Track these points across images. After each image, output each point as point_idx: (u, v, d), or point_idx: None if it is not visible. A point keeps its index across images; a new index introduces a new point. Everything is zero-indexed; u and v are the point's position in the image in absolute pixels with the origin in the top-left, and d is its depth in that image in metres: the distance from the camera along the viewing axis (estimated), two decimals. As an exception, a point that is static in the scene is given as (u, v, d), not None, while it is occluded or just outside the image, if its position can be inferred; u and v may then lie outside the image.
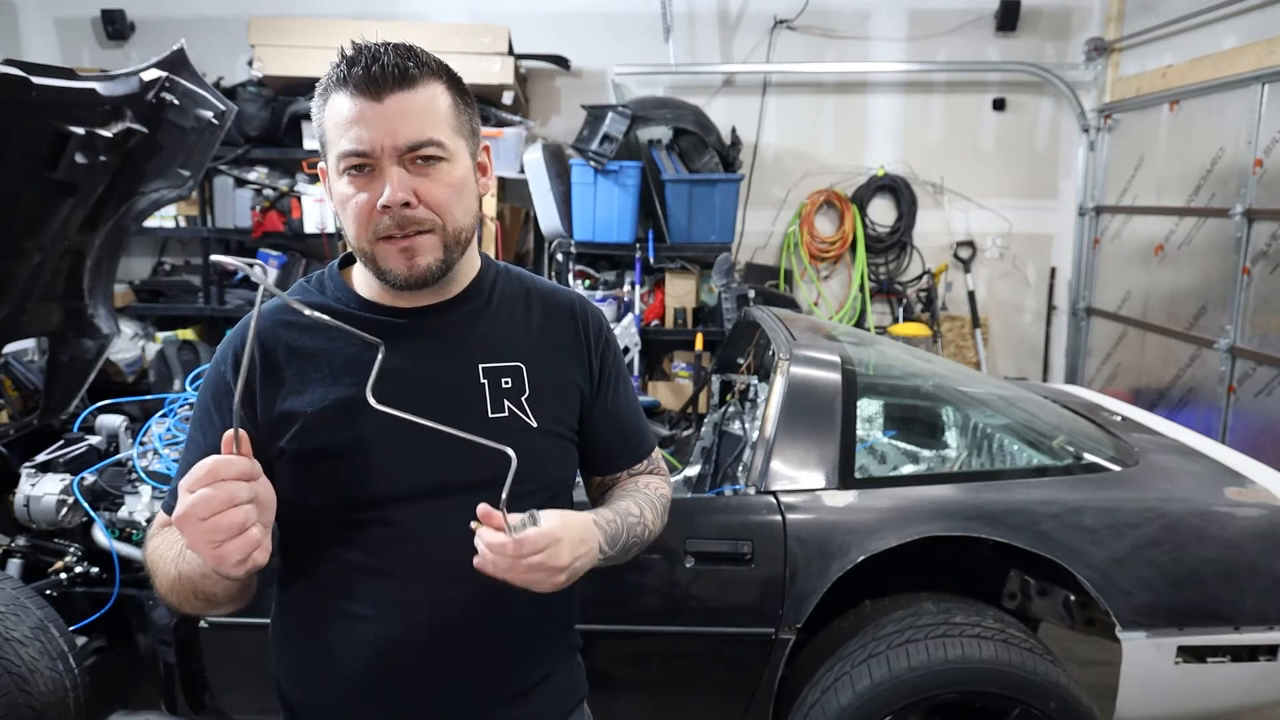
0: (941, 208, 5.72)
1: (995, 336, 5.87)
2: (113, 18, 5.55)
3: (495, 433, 1.15)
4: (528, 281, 1.38)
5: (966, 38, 5.50)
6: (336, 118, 1.15)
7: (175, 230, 5.40)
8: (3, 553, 2.47)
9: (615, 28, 5.52)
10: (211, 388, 1.25)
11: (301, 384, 1.21)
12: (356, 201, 1.15)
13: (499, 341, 1.28)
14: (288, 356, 1.22)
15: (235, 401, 1.01)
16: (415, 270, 1.18)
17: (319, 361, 1.21)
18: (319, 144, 1.21)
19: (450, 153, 1.17)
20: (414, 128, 1.13)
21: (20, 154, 2.07)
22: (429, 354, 1.24)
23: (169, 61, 2.34)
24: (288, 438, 1.19)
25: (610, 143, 4.74)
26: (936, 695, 2.02)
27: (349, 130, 1.13)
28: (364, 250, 1.19)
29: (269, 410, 1.20)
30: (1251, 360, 4.01)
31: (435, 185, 1.16)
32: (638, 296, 5.09)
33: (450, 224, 1.19)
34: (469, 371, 1.25)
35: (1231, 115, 4.20)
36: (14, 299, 2.39)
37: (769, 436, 2.25)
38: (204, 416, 1.25)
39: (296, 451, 1.19)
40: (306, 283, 1.31)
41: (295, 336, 1.23)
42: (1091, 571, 2.11)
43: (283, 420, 1.20)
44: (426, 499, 1.21)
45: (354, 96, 1.13)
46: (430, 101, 1.15)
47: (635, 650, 2.15)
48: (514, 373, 1.27)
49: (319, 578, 1.25)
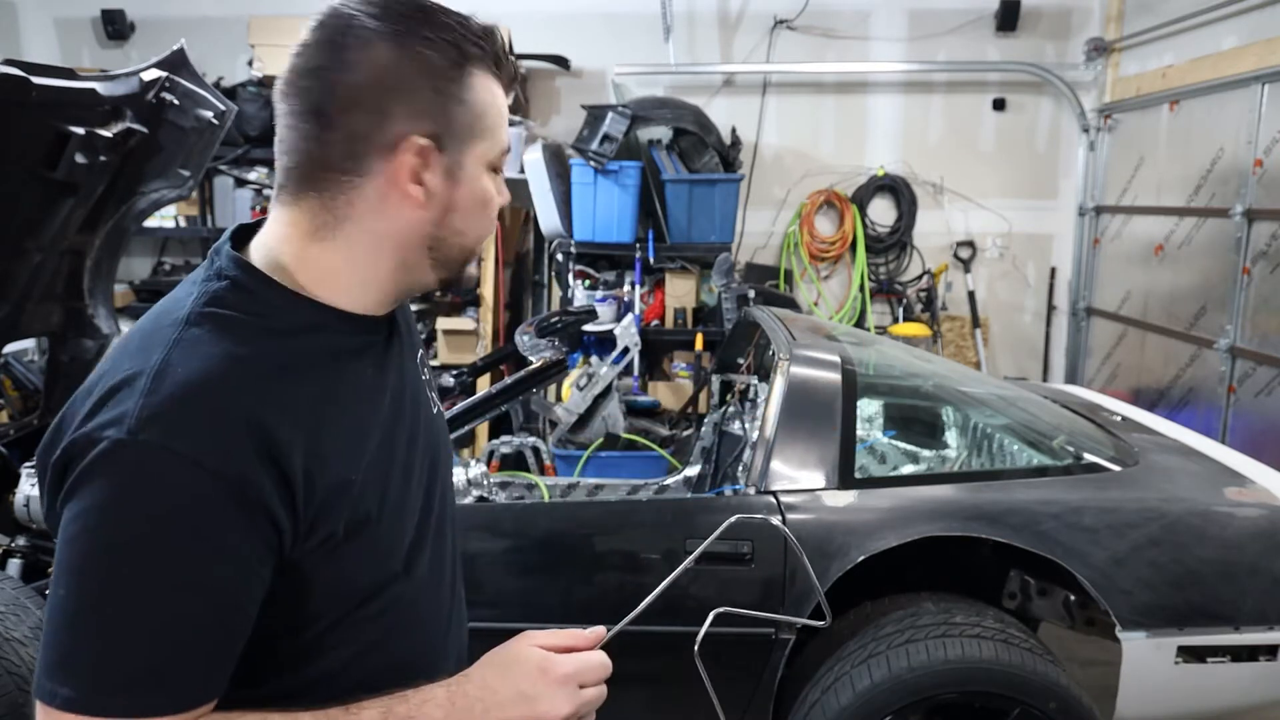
0: (941, 208, 5.72)
1: (995, 336, 5.87)
2: (113, 18, 5.55)
3: (440, 430, 1.10)
4: None
5: (966, 38, 5.50)
6: (496, 105, 0.96)
7: (175, 230, 5.40)
8: (3, 553, 2.47)
9: (615, 28, 5.52)
10: (207, 506, 0.81)
11: (336, 440, 0.91)
12: (497, 203, 1.01)
13: (410, 324, 1.11)
14: (307, 411, 0.88)
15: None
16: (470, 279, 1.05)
17: (336, 402, 0.92)
18: (436, 125, 0.91)
19: None
20: None
21: (20, 154, 2.07)
22: (401, 361, 1.04)
23: (169, 61, 2.34)
24: (339, 517, 0.89)
25: (610, 143, 4.74)
26: (936, 695, 2.02)
27: (504, 125, 0.98)
28: (474, 252, 1.01)
29: (316, 490, 0.87)
30: (1251, 360, 4.01)
31: None
32: (638, 296, 5.09)
33: None
34: (417, 369, 1.09)
35: (1231, 115, 4.20)
36: (14, 299, 2.39)
37: (769, 436, 2.25)
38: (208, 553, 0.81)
39: (344, 531, 0.90)
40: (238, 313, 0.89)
41: (291, 378, 0.89)
42: (1091, 571, 2.10)
43: (336, 495, 0.89)
44: (425, 538, 1.02)
45: (504, 87, 0.98)
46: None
47: (635, 650, 2.15)
48: (424, 358, 1.13)
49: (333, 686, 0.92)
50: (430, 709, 0.87)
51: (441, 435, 1.12)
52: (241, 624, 0.85)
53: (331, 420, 0.90)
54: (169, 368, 0.83)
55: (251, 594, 0.85)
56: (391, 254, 0.94)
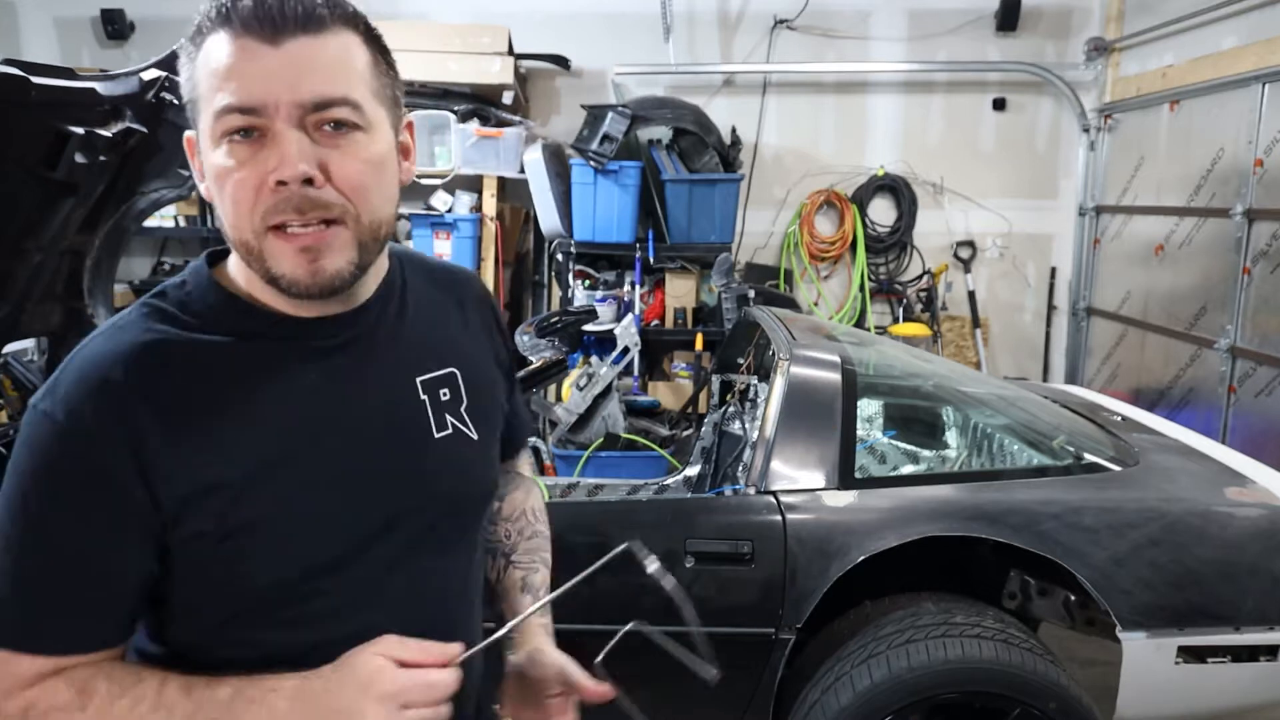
0: (941, 208, 5.72)
1: (995, 336, 5.87)
2: (113, 18, 5.54)
3: (441, 454, 1.04)
4: (426, 264, 1.16)
5: (966, 38, 5.50)
6: (213, 64, 0.86)
7: (175, 230, 5.40)
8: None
9: (615, 28, 5.51)
10: (66, 472, 0.88)
11: (219, 442, 0.91)
12: (238, 177, 0.87)
13: (428, 346, 1.07)
14: (184, 404, 0.90)
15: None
16: (320, 276, 0.90)
17: (233, 404, 0.92)
18: (187, 105, 0.91)
19: (368, 121, 0.91)
20: (322, 80, 0.87)
21: (20, 154, 2.07)
22: (360, 372, 1.00)
23: (169, 61, 2.34)
24: (207, 516, 0.90)
25: (610, 143, 4.74)
26: (936, 695, 2.02)
27: (231, 79, 0.85)
28: (248, 244, 0.89)
29: (177, 485, 0.89)
30: (1251, 360, 4.01)
31: (348, 160, 0.89)
32: (638, 296, 5.09)
33: (366, 214, 0.91)
34: (407, 388, 1.03)
35: (1231, 115, 4.20)
36: (14, 299, 2.39)
37: (769, 436, 2.25)
38: (63, 514, 0.89)
39: (216, 531, 0.91)
40: (165, 303, 0.95)
41: (186, 375, 0.91)
42: (1091, 571, 2.10)
43: (202, 496, 0.90)
44: (364, 557, 0.98)
45: (239, 36, 0.85)
46: (344, 51, 0.89)
47: (635, 650, 2.15)
48: (450, 381, 1.07)
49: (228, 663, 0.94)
50: (275, 698, 0.88)
51: (447, 457, 1.06)
52: (94, 585, 0.90)
53: (221, 421, 0.91)
54: (88, 346, 0.93)
55: (108, 559, 0.90)
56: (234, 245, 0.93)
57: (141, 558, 0.91)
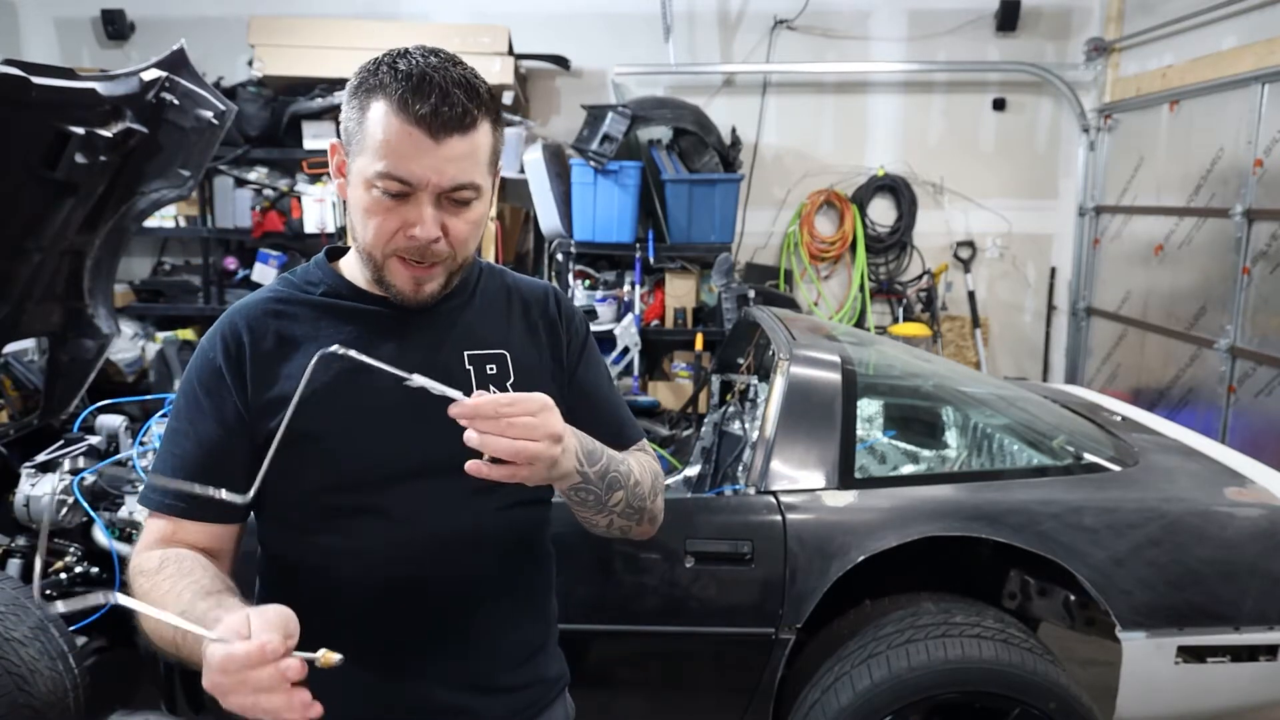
0: (941, 208, 5.72)
1: (995, 336, 5.87)
2: (113, 18, 5.55)
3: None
4: (508, 279, 1.41)
5: (966, 38, 5.50)
6: (385, 135, 1.12)
7: (175, 230, 5.40)
8: (3, 553, 2.46)
9: (615, 28, 5.52)
10: (200, 374, 1.25)
11: (291, 369, 1.22)
12: (381, 219, 1.16)
13: (483, 332, 1.31)
14: (277, 342, 1.24)
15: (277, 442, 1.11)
16: (421, 295, 1.22)
17: (309, 346, 1.22)
18: (344, 136, 1.20)
19: (481, 192, 1.19)
20: (460, 170, 1.14)
21: (20, 154, 2.07)
22: (417, 342, 1.27)
23: (169, 61, 2.34)
24: (277, 420, 1.16)
25: (610, 143, 4.74)
26: (936, 695, 2.02)
27: (395, 156, 1.12)
28: (374, 258, 1.20)
29: (260, 395, 1.22)
30: (1251, 360, 4.01)
31: (461, 223, 1.18)
32: (638, 296, 5.09)
33: (461, 256, 1.22)
34: (455, 358, 1.27)
35: (1231, 115, 4.20)
36: (14, 299, 2.39)
37: (769, 436, 2.25)
38: (192, 406, 1.24)
39: (285, 434, 1.16)
40: (292, 276, 1.32)
41: (284, 325, 1.26)
42: (1091, 571, 2.11)
43: (273, 405, 1.20)
44: (412, 480, 1.23)
45: (412, 126, 1.11)
46: (479, 145, 1.16)
47: (635, 650, 2.15)
48: (499, 360, 1.30)
49: (302, 564, 1.26)
50: (216, 614, 0.99)
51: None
52: (211, 468, 1.20)
53: (298, 351, 1.23)
54: (236, 301, 1.32)
55: (220, 447, 1.22)
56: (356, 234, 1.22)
57: (243, 450, 1.22)
